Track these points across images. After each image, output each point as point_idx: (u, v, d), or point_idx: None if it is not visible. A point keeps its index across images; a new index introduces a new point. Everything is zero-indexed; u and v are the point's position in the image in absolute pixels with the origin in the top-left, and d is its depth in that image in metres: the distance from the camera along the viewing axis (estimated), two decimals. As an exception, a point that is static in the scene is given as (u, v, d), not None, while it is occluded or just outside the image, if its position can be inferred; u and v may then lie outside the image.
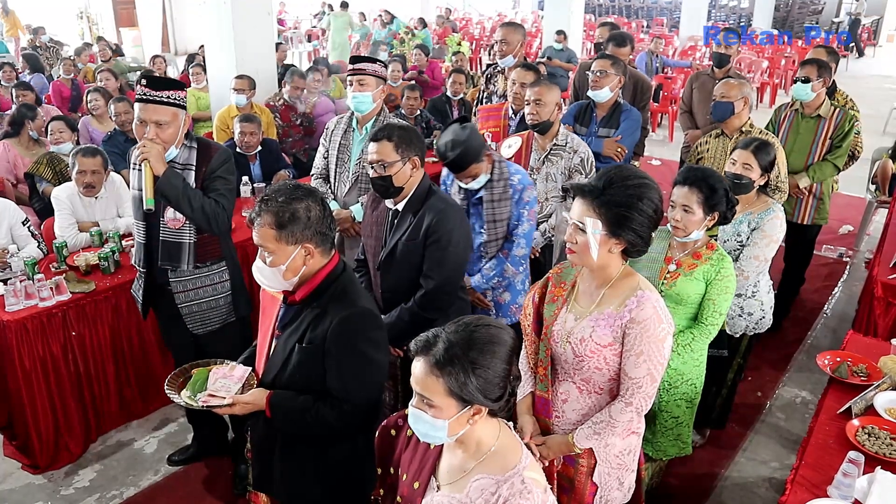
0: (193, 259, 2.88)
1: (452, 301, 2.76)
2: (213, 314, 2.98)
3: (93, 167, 3.87)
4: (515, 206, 3.09)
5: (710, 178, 2.61)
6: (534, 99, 3.48)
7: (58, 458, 3.41)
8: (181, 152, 2.82)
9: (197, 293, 2.93)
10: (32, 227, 3.83)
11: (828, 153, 4.15)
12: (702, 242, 2.70)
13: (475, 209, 3.15)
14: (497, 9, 20.52)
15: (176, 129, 2.75)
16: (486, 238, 3.13)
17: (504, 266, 3.14)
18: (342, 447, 2.12)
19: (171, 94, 2.71)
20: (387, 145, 2.58)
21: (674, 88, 9.76)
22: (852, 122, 4.12)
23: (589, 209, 1.96)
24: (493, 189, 3.08)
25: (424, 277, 2.66)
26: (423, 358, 1.53)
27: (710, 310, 2.64)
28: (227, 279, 2.99)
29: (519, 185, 3.09)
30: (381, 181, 2.62)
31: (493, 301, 3.27)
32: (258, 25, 5.90)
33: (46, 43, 10.84)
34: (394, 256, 2.70)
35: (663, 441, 2.84)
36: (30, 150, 5.08)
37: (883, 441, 2.33)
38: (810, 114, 4.20)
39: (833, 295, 5.10)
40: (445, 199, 2.73)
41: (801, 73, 4.16)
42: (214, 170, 2.84)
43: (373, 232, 2.82)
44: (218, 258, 2.96)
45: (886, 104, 10.16)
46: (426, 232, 2.61)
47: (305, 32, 15.53)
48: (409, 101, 5.90)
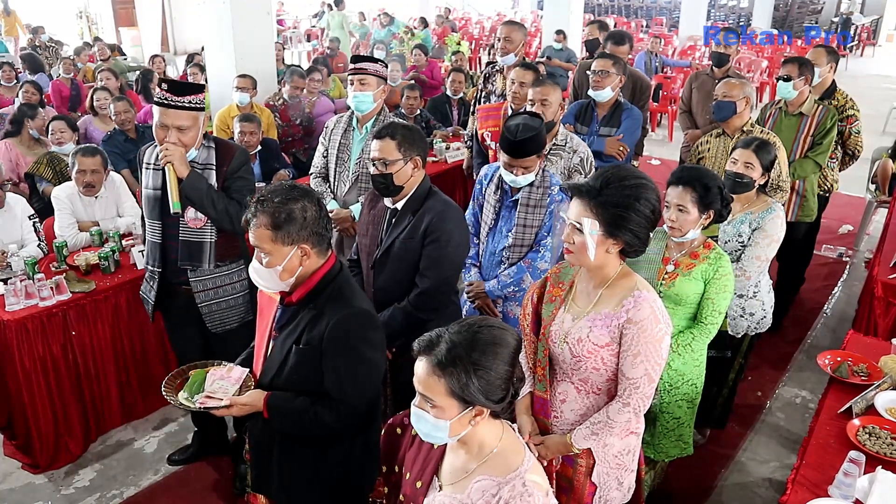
0: (214, 258, 2.89)
1: (447, 302, 2.76)
2: (232, 313, 3.00)
3: (93, 167, 3.87)
4: (549, 216, 3.01)
5: (704, 177, 2.60)
6: (539, 99, 3.45)
7: (58, 458, 3.41)
8: (200, 152, 2.85)
9: (217, 292, 2.94)
10: (37, 223, 3.85)
11: (809, 150, 4.16)
12: (699, 242, 2.69)
13: (507, 212, 3.08)
14: (496, 8, 20.52)
15: (196, 132, 2.78)
16: (511, 242, 3.05)
17: (524, 276, 3.03)
18: (340, 448, 2.12)
19: (191, 98, 2.73)
20: (390, 143, 2.58)
21: (673, 88, 9.76)
22: (834, 120, 4.13)
23: (586, 209, 1.96)
24: (531, 193, 3.00)
25: (420, 276, 2.65)
26: (426, 358, 1.53)
27: (710, 309, 2.63)
28: (246, 277, 2.97)
29: (558, 196, 3.00)
30: (381, 179, 2.62)
31: (503, 312, 3.15)
32: (258, 25, 5.90)
33: (46, 42, 10.83)
34: (389, 255, 2.70)
35: (665, 442, 2.84)
36: (31, 149, 5.09)
37: (884, 441, 2.33)
38: (793, 111, 4.22)
39: (833, 295, 5.10)
40: (445, 200, 2.72)
41: (782, 72, 4.19)
42: (235, 170, 2.87)
43: (368, 231, 2.82)
44: (237, 257, 2.98)
45: (886, 104, 10.17)
46: (425, 231, 2.61)
47: (305, 32, 15.52)
48: (409, 101, 5.90)
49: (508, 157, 2.91)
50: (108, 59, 9.29)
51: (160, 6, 15.91)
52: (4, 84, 7.28)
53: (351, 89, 3.59)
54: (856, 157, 4.54)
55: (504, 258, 3.09)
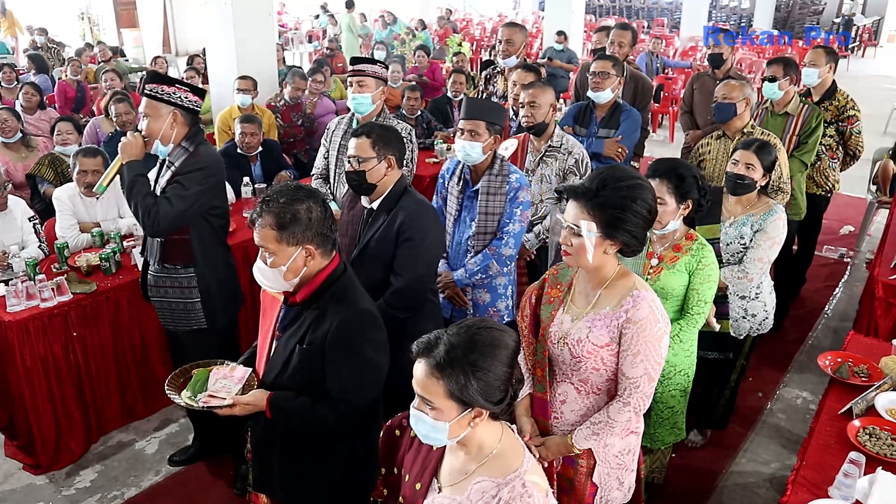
0: (160, 258, 2.94)
1: (423, 301, 2.79)
2: (181, 315, 3.00)
3: (93, 167, 3.88)
4: (509, 203, 3.11)
5: (679, 167, 2.63)
6: (528, 101, 3.49)
7: (59, 459, 3.41)
8: (176, 151, 2.87)
9: (165, 292, 2.99)
10: (37, 224, 3.85)
11: (795, 150, 4.17)
12: (680, 234, 2.70)
13: (469, 202, 3.18)
14: (497, 9, 20.52)
15: (160, 125, 2.81)
16: (474, 230, 3.14)
17: (489, 262, 3.12)
18: (342, 448, 2.12)
19: (153, 87, 2.80)
20: (365, 141, 2.64)
21: (674, 89, 9.76)
22: (819, 119, 4.15)
23: (583, 211, 1.96)
24: (490, 182, 3.10)
25: (395, 275, 2.68)
26: (424, 360, 1.53)
27: (696, 299, 2.64)
28: (196, 286, 2.97)
29: (516, 183, 3.11)
30: (354, 176, 2.66)
31: (472, 300, 3.25)
32: (259, 26, 5.90)
33: (47, 43, 10.84)
34: (365, 254, 2.73)
35: (660, 431, 2.85)
36: (20, 153, 5.03)
37: (884, 442, 2.33)
38: (779, 111, 4.23)
39: (834, 295, 5.10)
40: (420, 199, 2.76)
41: (767, 73, 4.22)
42: (179, 172, 2.85)
43: (348, 231, 2.85)
44: (186, 263, 2.95)
45: (887, 104, 10.16)
46: (398, 230, 2.64)
47: (306, 33, 15.53)
48: (410, 102, 5.90)
49: (463, 119, 3.06)
50: (109, 61, 9.30)
51: (161, 7, 15.92)
52: (5, 85, 7.29)
53: (350, 91, 3.60)
54: (857, 157, 4.54)
55: (469, 247, 3.18)
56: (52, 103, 7.27)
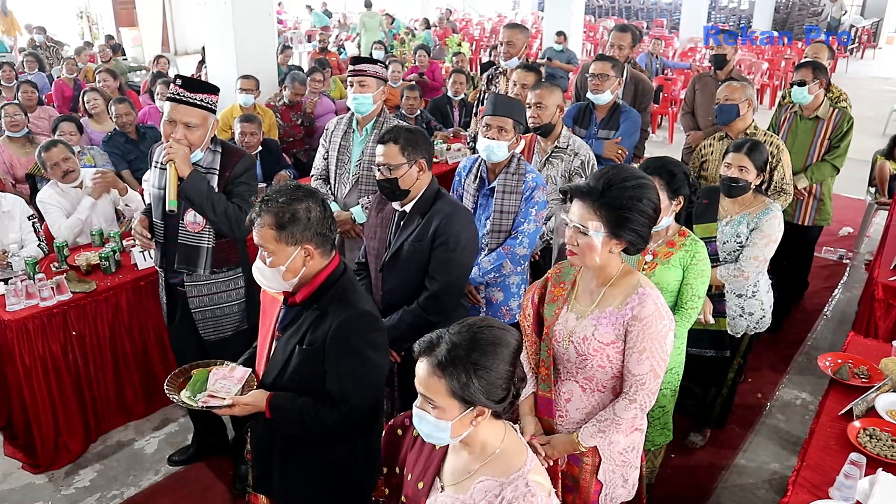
0: (211, 264, 2.87)
1: (455, 305, 2.76)
2: (226, 321, 2.98)
3: (61, 155, 3.85)
4: (525, 202, 3.10)
5: (669, 164, 2.67)
6: (535, 102, 3.48)
7: (58, 458, 3.41)
8: (206, 156, 2.82)
9: (212, 298, 2.92)
10: (37, 223, 3.84)
11: (826, 154, 4.16)
12: (673, 230, 2.72)
13: (485, 200, 3.18)
14: (497, 10, 20.53)
15: (204, 133, 2.76)
16: (489, 228, 3.13)
17: (503, 262, 3.12)
18: (342, 449, 2.12)
19: (204, 97, 2.73)
20: (393, 148, 2.57)
21: (674, 90, 9.77)
22: (850, 123, 4.14)
23: (589, 211, 1.96)
24: (506, 180, 3.11)
25: (430, 279, 2.64)
26: (426, 359, 1.53)
27: (689, 294, 2.65)
28: (243, 286, 2.97)
29: (532, 182, 3.11)
30: (387, 184, 2.61)
31: (485, 298, 3.25)
32: (259, 26, 5.91)
33: (46, 42, 10.83)
34: (398, 257, 2.69)
35: (651, 431, 2.85)
36: (24, 148, 5.06)
37: (884, 443, 2.33)
38: (809, 115, 4.22)
39: (833, 297, 5.10)
40: (454, 202, 2.73)
41: (796, 77, 4.19)
42: (238, 175, 2.85)
43: (377, 234, 2.81)
44: (235, 265, 2.95)
45: (886, 106, 10.17)
46: (434, 234, 2.60)
47: (306, 33, 15.52)
48: (409, 102, 5.91)
49: (490, 115, 3.07)
50: (109, 61, 9.29)
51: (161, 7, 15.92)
52: (4, 84, 7.28)
53: (350, 91, 3.60)
54: None
55: (483, 244, 3.16)
56: (50, 102, 7.26)
